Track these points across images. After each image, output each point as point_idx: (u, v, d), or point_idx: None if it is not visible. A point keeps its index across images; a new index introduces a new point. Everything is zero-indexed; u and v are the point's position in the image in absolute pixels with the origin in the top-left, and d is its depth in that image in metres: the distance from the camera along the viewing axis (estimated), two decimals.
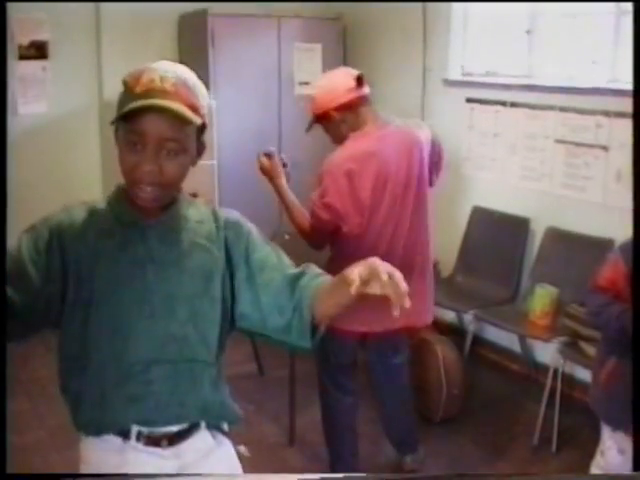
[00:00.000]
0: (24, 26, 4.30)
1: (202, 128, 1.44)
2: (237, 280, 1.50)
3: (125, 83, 1.39)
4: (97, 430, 1.47)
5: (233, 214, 1.56)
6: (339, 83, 2.57)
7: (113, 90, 1.48)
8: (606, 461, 2.36)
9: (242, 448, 3.29)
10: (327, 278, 1.46)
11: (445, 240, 4.37)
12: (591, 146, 3.54)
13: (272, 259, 1.51)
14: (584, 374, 3.22)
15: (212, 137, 4.29)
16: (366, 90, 2.59)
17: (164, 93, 1.34)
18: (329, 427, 2.87)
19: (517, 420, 3.46)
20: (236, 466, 1.62)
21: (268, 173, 2.63)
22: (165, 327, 1.43)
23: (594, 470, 2.40)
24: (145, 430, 1.46)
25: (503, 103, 3.98)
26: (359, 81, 2.55)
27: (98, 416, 1.46)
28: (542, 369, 3.60)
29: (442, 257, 4.41)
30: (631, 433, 2.19)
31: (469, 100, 4.18)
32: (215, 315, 1.49)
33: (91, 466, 1.50)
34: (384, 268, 1.26)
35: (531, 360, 3.89)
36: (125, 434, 1.46)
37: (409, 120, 2.71)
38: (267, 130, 4.64)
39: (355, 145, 2.56)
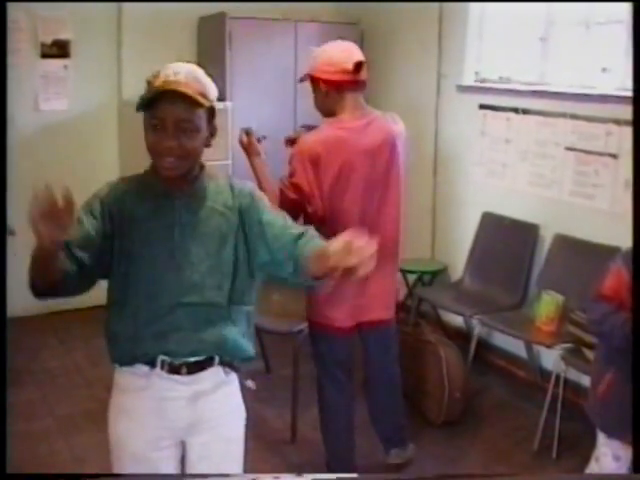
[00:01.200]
0: (47, 25, 4.40)
1: (212, 113, 1.76)
2: (251, 238, 1.81)
3: (147, 81, 1.73)
4: (130, 361, 1.79)
5: (247, 185, 1.88)
6: (339, 60, 2.58)
7: (132, 90, 1.64)
8: (600, 467, 2.36)
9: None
10: (318, 243, 1.75)
11: (455, 245, 4.41)
12: (601, 154, 3.54)
13: (280, 221, 1.83)
14: (588, 381, 3.21)
15: (227, 138, 4.35)
16: (361, 77, 2.61)
17: (177, 84, 1.67)
18: (326, 426, 2.91)
19: (520, 426, 3.46)
20: (240, 403, 1.92)
21: (245, 149, 2.76)
22: (188, 277, 1.75)
23: None
24: (168, 359, 1.77)
25: (515, 110, 3.99)
26: (357, 67, 2.59)
27: (131, 349, 1.77)
28: (548, 376, 3.59)
29: (451, 261, 4.44)
30: (627, 441, 2.20)
31: (482, 106, 4.20)
32: (229, 268, 1.79)
33: (123, 388, 1.84)
34: (356, 243, 1.52)
35: (537, 366, 3.89)
36: (152, 363, 1.77)
37: (387, 113, 2.75)
38: (282, 133, 4.66)
39: (327, 131, 2.62)
